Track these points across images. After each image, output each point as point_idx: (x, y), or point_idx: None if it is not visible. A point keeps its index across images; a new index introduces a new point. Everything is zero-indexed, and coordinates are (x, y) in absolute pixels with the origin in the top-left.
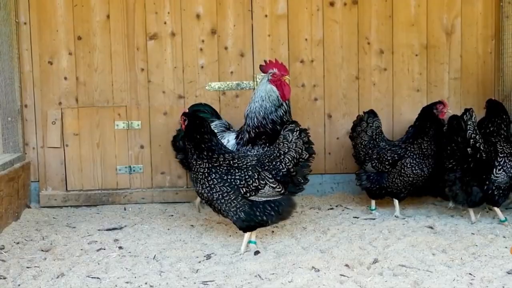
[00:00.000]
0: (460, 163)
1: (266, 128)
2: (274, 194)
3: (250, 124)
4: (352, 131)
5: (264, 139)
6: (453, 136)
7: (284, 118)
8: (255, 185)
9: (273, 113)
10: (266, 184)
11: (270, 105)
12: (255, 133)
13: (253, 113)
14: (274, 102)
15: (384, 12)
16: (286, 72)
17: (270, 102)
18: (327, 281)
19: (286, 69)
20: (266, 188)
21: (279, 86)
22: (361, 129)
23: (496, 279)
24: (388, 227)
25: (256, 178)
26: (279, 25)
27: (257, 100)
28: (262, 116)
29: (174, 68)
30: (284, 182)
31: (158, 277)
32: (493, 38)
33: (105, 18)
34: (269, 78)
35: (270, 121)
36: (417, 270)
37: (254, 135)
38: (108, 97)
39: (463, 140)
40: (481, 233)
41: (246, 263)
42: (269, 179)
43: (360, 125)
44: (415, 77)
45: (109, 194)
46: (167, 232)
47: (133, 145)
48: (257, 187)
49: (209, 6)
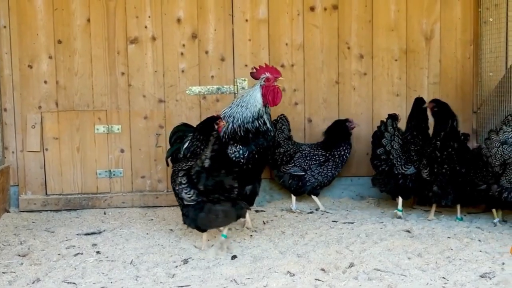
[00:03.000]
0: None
1: (236, 136)
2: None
3: (229, 127)
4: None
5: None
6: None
7: (261, 129)
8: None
9: (249, 123)
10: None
11: (250, 115)
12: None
13: (232, 117)
14: (254, 113)
15: (364, 17)
16: (279, 73)
17: (251, 112)
18: (302, 286)
19: (278, 71)
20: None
21: (271, 92)
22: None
23: (469, 282)
24: (366, 231)
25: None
26: (259, 29)
27: (242, 105)
28: (238, 124)
29: (154, 72)
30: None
31: (134, 282)
32: (471, 43)
33: (85, 22)
34: (261, 84)
35: (244, 130)
36: (391, 274)
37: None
38: (88, 101)
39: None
40: (457, 237)
41: (222, 267)
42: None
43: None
44: (394, 81)
45: (89, 198)
46: (146, 237)
47: (113, 149)
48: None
49: (190, 10)
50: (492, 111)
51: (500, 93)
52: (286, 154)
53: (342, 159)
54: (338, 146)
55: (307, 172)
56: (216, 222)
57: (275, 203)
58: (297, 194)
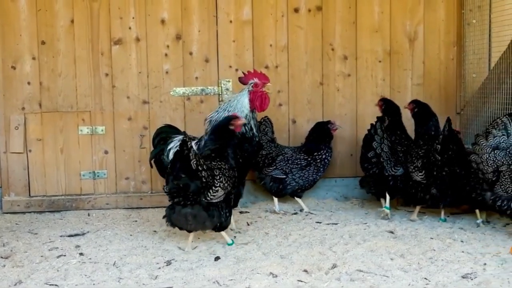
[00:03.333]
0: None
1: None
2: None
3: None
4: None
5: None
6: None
7: (247, 134)
8: None
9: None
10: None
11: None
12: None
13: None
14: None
15: (348, 18)
16: (267, 79)
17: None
18: (284, 287)
19: (267, 77)
20: None
21: (259, 98)
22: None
23: (450, 283)
24: (349, 232)
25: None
26: (244, 30)
27: (228, 110)
28: None
29: (138, 73)
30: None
31: (117, 283)
32: (455, 45)
33: (69, 23)
34: (250, 89)
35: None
36: (374, 275)
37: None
38: (72, 102)
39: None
40: (440, 237)
41: (205, 269)
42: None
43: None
44: (378, 82)
45: (73, 199)
46: (130, 238)
47: (97, 150)
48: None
49: (174, 11)
50: (475, 112)
51: (483, 94)
52: (268, 156)
53: (324, 163)
54: (319, 149)
55: (288, 176)
56: (187, 224)
57: (259, 204)
58: (278, 196)
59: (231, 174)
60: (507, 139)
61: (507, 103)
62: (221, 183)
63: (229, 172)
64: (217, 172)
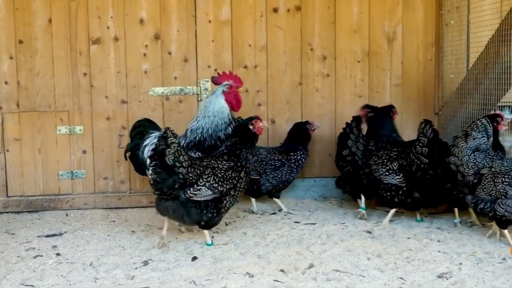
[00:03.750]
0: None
1: (206, 143)
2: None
3: (192, 139)
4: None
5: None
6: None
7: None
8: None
9: (222, 131)
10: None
11: (221, 122)
12: (192, 146)
13: (201, 128)
14: (225, 119)
15: (327, 19)
16: (241, 83)
17: (222, 119)
18: (260, 287)
19: (241, 81)
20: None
21: (233, 99)
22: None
23: (426, 283)
24: (327, 232)
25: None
26: (222, 30)
27: (209, 115)
28: (210, 134)
29: (117, 73)
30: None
31: (93, 284)
32: (433, 45)
33: (47, 22)
34: (224, 90)
35: (216, 138)
36: (350, 275)
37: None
38: (50, 102)
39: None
40: (417, 237)
41: (182, 269)
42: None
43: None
44: (357, 83)
45: (51, 199)
46: (107, 238)
47: (76, 150)
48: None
49: (152, 11)
50: (453, 113)
51: (461, 94)
52: None
53: (298, 164)
54: (296, 149)
55: (262, 176)
56: (169, 215)
57: (238, 204)
58: (253, 196)
59: (228, 176)
60: (487, 141)
61: (484, 104)
62: (207, 182)
63: (226, 173)
64: (207, 171)
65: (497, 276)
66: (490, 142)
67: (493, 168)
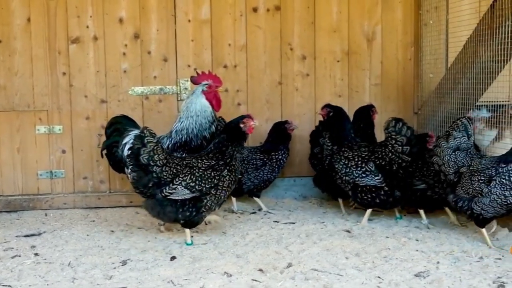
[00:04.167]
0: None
1: (192, 143)
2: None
3: (178, 140)
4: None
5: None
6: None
7: (216, 134)
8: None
9: (207, 130)
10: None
11: (205, 121)
12: (178, 147)
13: (185, 129)
14: (209, 118)
15: (307, 18)
16: (220, 83)
17: (205, 118)
18: (238, 286)
19: (221, 81)
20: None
21: (213, 98)
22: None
23: (403, 282)
24: (306, 231)
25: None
26: (202, 30)
27: (191, 116)
28: (195, 134)
29: (96, 72)
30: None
31: (71, 284)
32: (412, 45)
33: (25, 22)
34: (203, 89)
35: (201, 137)
36: (328, 274)
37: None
38: (29, 101)
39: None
40: (395, 236)
41: (161, 268)
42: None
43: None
44: (337, 82)
45: (30, 199)
46: (86, 238)
47: (55, 149)
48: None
49: (132, 10)
50: (432, 112)
51: (440, 94)
52: None
53: (279, 164)
54: (277, 149)
55: (244, 176)
56: (149, 212)
57: None
58: (234, 195)
59: (208, 175)
60: (467, 140)
61: (463, 103)
62: (183, 181)
63: (205, 172)
64: (185, 170)
65: (474, 275)
66: (471, 141)
67: (471, 166)
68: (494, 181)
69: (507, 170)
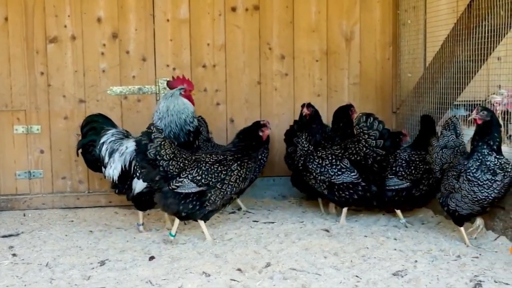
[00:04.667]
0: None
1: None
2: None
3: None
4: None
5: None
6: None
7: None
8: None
9: (191, 124)
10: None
11: (187, 117)
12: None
13: (168, 127)
14: (190, 114)
15: (285, 18)
16: (193, 87)
17: (186, 115)
18: (217, 286)
19: (193, 85)
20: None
21: (190, 99)
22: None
23: (381, 281)
24: (285, 231)
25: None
26: (181, 29)
27: (173, 114)
28: (180, 128)
29: (74, 72)
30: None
31: (49, 284)
32: (390, 45)
33: (3, 21)
34: (180, 93)
35: (186, 131)
36: (306, 274)
37: None
38: (6, 101)
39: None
40: (374, 235)
41: (139, 268)
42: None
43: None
44: (316, 82)
45: (8, 199)
46: (65, 238)
47: (33, 149)
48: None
49: (110, 10)
50: (411, 112)
51: (418, 93)
52: None
53: (260, 163)
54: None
55: None
56: (158, 205)
57: None
58: None
59: (216, 169)
60: (455, 139)
61: (441, 103)
62: (190, 175)
63: (213, 167)
64: (192, 165)
65: (451, 274)
66: (459, 140)
67: (451, 163)
68: (462, 177)
69: (469, 166)
